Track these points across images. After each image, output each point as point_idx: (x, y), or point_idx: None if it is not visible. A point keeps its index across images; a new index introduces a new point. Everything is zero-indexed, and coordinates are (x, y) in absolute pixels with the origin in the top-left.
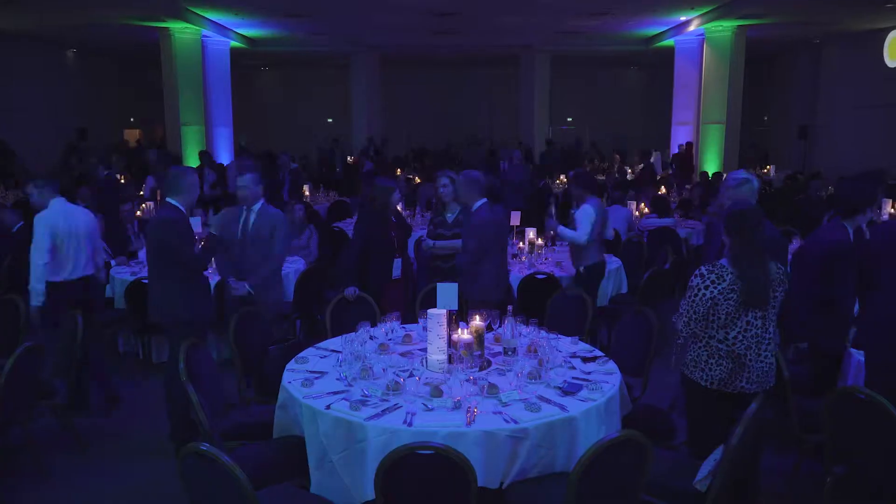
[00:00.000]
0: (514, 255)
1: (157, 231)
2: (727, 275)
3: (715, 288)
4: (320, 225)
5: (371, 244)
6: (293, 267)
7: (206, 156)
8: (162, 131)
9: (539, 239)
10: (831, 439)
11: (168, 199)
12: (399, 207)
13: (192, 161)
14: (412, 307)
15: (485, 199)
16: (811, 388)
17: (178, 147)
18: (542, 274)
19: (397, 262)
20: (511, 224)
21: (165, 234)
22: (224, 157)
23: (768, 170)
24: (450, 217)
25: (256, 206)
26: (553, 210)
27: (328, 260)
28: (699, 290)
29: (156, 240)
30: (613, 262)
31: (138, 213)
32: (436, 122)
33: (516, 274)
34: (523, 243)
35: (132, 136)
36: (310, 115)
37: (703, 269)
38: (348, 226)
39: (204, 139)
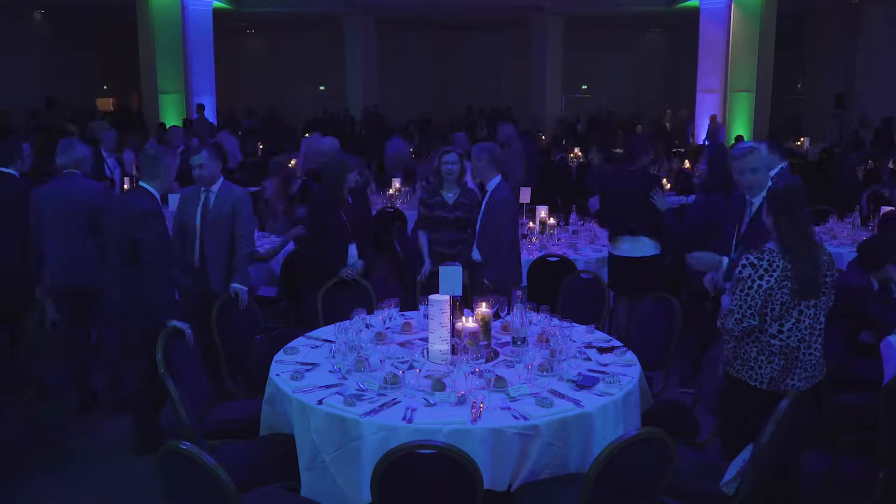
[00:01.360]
0: (524, 236)
1: (126, 222)
2: (779, 260)
3: (771, 277)
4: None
5: (324, 227)
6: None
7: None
8: (138, 100)
9: (551, 218)
10: (886, 435)
11: (142, 184)
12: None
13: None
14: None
15: (500, 176)
16: (847, 383)
17: (155, 117)
18: (555, 256)
19: (352, 248)
20: (521, 202)
21: (137, 228)
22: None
23: (802, 142)
24: (450, 197)
25: (215, 187)
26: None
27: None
28: (753, 280)
29: (122, 232)
30: None
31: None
32: (437, 90)
33: (526, 256)
34: (534, 223)
35: (105, 105)
36: (300, 82)
37: (751, 257)
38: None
39: (184, 109)
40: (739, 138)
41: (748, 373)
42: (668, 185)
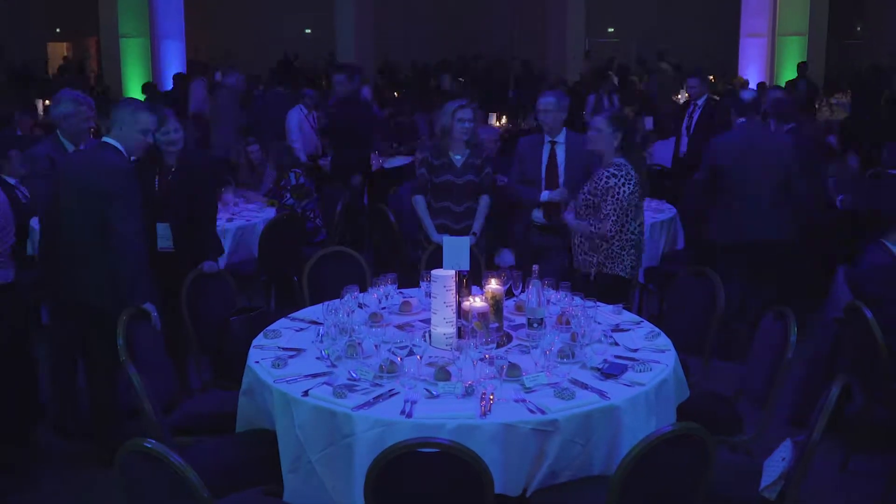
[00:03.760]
0: None
1: (96, 184)
2: (631, 170)
3: (630, 183)
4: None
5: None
6: (261, 217)
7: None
8: (95, 45)
9: None
10: None
11: (107, 139)
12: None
13: (134, 85)
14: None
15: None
16: None
17: (115, 65)
18: None
19: (162, 229)
20: None
21: (110, 185)
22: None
23: None
24: (458, 160)
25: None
26: None
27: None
28: (619, 188)
29: (90, 196)
30: (667, 211)
31: None
32: (440, 32)
33: None
34: None
35: (58, 50)
36: (281, 25)
37: (610, 170)
38: None
39: (149, 55)
40: (790, 84)
41: (618, 266)
42: None
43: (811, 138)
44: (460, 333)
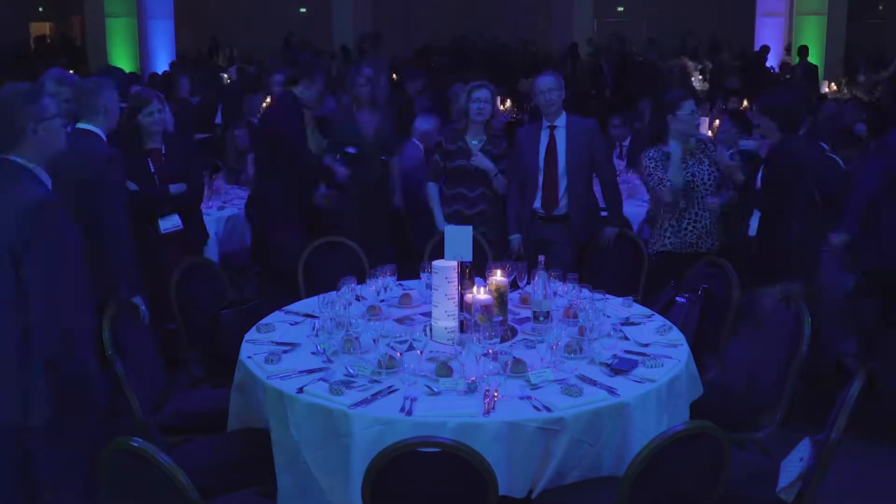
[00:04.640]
0: None
1: (80, 173)
2: None
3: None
4: None
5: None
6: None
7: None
8: (80, 25)
9: None
10: None
11: (82, 125)
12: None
13: (122, 65)
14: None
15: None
16: None
17: (101, 46)
18: None
19: (173, 218)
20: None
21: (99, 175)
22: (162, 59)
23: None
24: (475, 145)
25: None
26: None
27: None
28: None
29: (76, 185)
30: None
31: None
32: (440, 12)
33: None
34: None
35: (41, 30)
36: (276, 3)
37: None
38: None
39: (136, 35)
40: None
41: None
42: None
43: None
44: (463, 327)
